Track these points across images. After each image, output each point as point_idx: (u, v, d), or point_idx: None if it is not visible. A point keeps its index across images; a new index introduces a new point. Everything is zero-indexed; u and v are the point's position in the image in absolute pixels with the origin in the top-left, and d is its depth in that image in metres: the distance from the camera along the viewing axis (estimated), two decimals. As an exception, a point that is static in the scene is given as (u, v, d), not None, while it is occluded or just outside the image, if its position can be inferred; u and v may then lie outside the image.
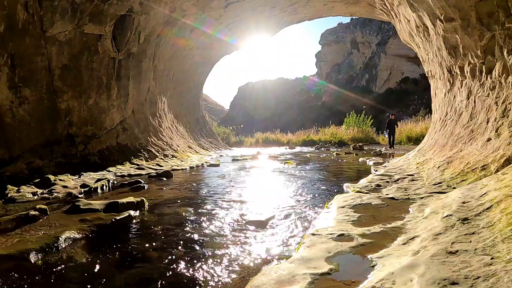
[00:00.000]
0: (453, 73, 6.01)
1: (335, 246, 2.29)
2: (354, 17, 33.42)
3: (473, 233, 2.06)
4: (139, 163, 8.53)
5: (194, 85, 16.75)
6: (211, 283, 1.97)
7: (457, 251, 1.85)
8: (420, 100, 38.97)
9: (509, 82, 4.16)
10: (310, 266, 1.98)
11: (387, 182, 4.97)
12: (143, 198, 4.02)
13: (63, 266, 2.25)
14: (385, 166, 7.05)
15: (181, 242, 2.68)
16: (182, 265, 2.23)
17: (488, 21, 4.29)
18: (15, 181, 5.27)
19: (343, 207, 3.42)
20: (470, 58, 5.07)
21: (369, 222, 2.86)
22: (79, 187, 5.26)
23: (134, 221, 3.37)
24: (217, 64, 18.07)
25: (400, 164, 6.91)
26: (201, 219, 3.37)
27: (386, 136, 16.25)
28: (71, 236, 2.75)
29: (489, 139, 4.32)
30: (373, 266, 1.96)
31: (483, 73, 4.81)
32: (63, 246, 2.60)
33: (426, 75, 8.58)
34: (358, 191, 4.29)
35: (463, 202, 2.69)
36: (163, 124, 11.94)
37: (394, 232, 2.52)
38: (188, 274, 2.09)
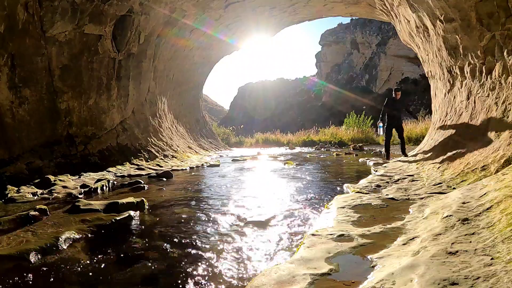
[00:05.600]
0: (453, 73, 6.01)
1: (335, 246, 2.29)
2: (354, 18, 33.45)
3: (473, 234, 2.06)
4: (139, 163, 8.53)
5: (194, 86, 16.75)
6: (211, 283, 1.97)
7: (457, 251, 1.85)
8: (420, 101, 38.94)
9: (509, 82, 4.16)
10: (310, 266, 1.98)
11: (387, 182, 4.97)
12: (143, 198, 4.02)
13: (63, 266, 2.25)
14: (385, 166, 7.05)
15: (181, 243, 2.68)
16: (182, 265, 2.23)
17: (488, 22, 4.30)
18: (15, 181, 5.27)
19: (343, 207, 3.42)
20: (470, 58, 5.07)
21: (369, 223, 2.86)
22: (79, 188, 5.26)
23: (134, 221, 3.37)
24: (217, 64, 18.08)
25: (399, 164, 6.90)
26: (201, 220, 3.37)
27: (381, 133, 8.69)
28: (71, 237, 2.75)
29: (489, 140, 4.32)
30: (373, 267, 1.96)
31: (483, 74, 4.81)
32: (63, 247, 2.59)
33: (426, 76, 8.59)
34: (358, 192, 4.29)
35: (463, 203, 2.69)
36: (163, 125, 11.95)
37: (394, 233, 2.52)
38: (188, 274, 2.09)
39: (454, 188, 3.77)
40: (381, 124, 8.28)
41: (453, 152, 5.19)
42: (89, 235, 2.88)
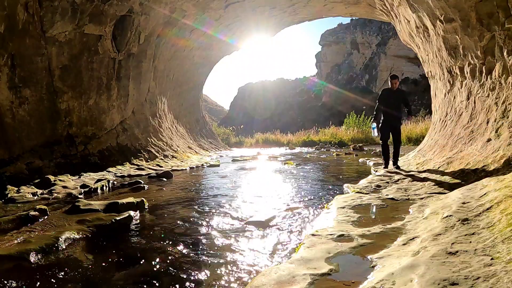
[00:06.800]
0: (453, 73, 6.01)
1: (335, 246, 2.29)
2: (354, 18, 33.46)
3: (473, 234, 2.06)
4: (139, 163, 8.53)
5: (194, 86, 16.75)
6: (211, 283, 1.97)
7: (457, 251, 1.85)
8: (420, 101, 38.96)
9: (509, 82, 4.16)
10: (310, 266, 1.98)
11: (387, 182, 4.96)
12: (143, 198, 4.02)
13: (63, 266, 2.24)
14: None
15: (181, 243, 2.68)
16: (182, 265, 2.23)
17: (488, 22, 4.29)
18: (15, 181, 5.27)
19: (343, 207, 3.42)
20: (470, 58, 5.07)
21: (369, 223, 2.86)
22: (79, 188, 5.26)
23: (134, 221, 3.37)
24: (217, 64, 18.09)
25: (400, 164, 6.89)
26: (201, 220, 3.37)
27: (376, 135, 6.53)
28: (71, 237, 2.75)
29: (489, 140, 4.32)
30: (373, 267, 1.96)
31: (483, 74, 4.81)
32: (63, 247, 2.59)
33: (426, 76, 8.59)
34: (358, 192, 4.29)
35: (463, 203, 2.69)
36: (163, 125, 11.94)
37: (394, 233, 2.52)
38: (188, 274, 2.09)
39: (454, 188, 3.77)
40: (374, 125, 6.43)
41: (453, 152, 5.18)
42: (89, 235, 2.88)
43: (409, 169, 6.04)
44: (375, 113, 6.28)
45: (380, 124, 6.17)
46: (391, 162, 6.34)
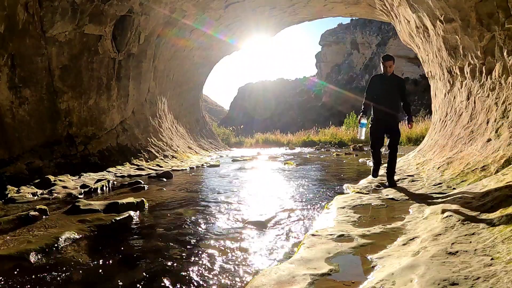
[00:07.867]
0: (453, 73, 6.01)
1: (335, 246, 2.29)
2: (354, 18, 33.47)
3: (473, 234, 2.06)
4: (139, 163, 8.53)
5: (194, 86, 16.75)
6: (211, 283, 1.97)
7: (457, 251, 1.85)
8: (420, 101, 38.98)
9: (509, 82, 4.16)
10: (310, 266, 1.98)
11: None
12: (143, 198, 4.02)
13: (63, 266, 2.24)
14: (385, 166, 7.03)
15: (181, 243, 2.68)
16: (182, 265, 2.23)
17: (488, 22, 4.29)
18: (15, 181, 5.27)
19: (343, 207, 3.41)
20: (470, 58, 5.07)
21: (369, 223, 2.86)
22: (79, 188, 5.26)
23: (134, 221, 3.37)
24: (217, 64, 18.10)
25: (400, 164, 6.90)
26: (201, 220, 3.37)
27: (362, 136, 4.73)
28: (71, 237, 2.75)
29: (489, 140, 4.31)
30: (373, 267, 1.96)
31: (483, 74, 4.81)
32: (63, 247, 2.59)
33: (426, 76, 8.58)
34: (358, 192, 4.29)
35: (463, 203, 2.69)
36: (163, 125, 11.94)
37: (394, 233, 2.52)
38: (188, 274, 2.09)
39: (454, 189, 3.77)
40: (363, 121, 4.74)
41: (453, 152, 5.18)
42: (89, 235, 2.88)
43: (409, 169, 6.04)
44: (362, 108, 4.76)
45: (370, 125, 4.72)
46: (381, 172, 5.12)
